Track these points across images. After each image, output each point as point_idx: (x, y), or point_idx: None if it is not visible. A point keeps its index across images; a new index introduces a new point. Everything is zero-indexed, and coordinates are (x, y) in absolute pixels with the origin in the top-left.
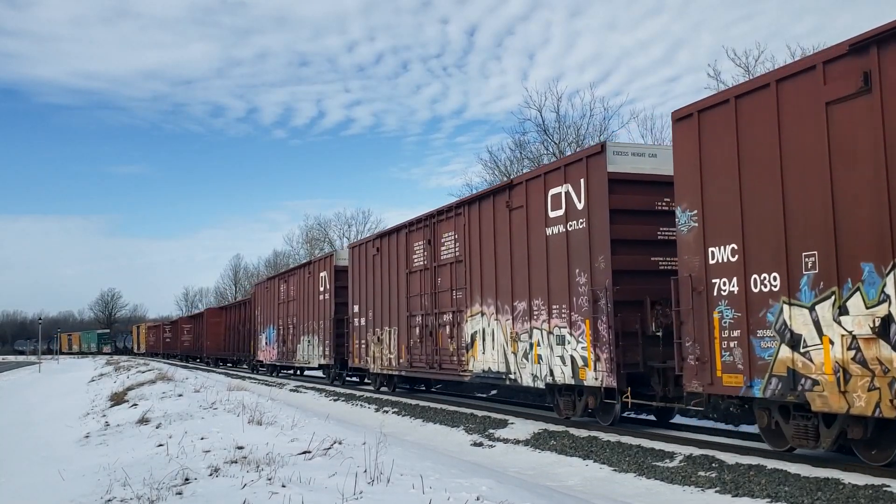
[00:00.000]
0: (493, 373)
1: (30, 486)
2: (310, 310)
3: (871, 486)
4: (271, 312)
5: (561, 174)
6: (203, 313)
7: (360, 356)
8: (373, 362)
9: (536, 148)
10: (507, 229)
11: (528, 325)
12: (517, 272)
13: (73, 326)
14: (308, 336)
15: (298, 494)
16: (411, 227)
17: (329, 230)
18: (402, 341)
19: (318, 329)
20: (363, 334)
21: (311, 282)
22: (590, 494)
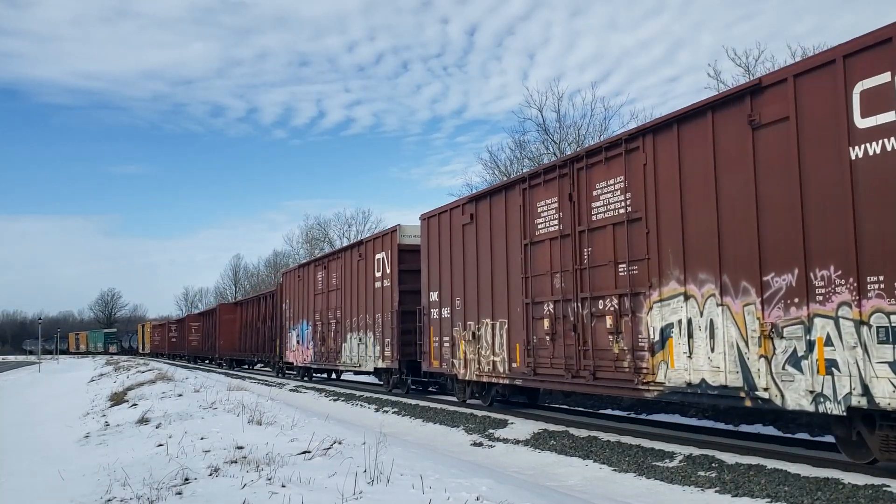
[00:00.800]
0: (712, 387)
1: (30, 486)
2: (360, 301)
3: (871, 486)
4: (305, 305)
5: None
6: (215, 309)
7: (440, 358)
8: (462, 366)
9: (537, 148)
10: (750, 157)
11: (803, 310)
12: (774, 227)
13: (74, 326)
14: (358, 333)
15: (298, 494)
16: (534, 179)
17: (329, 230)
18: (517, 338)
19: (374, 324)
20: (445, 329)
21: (361, 266)
22: (590, 494)
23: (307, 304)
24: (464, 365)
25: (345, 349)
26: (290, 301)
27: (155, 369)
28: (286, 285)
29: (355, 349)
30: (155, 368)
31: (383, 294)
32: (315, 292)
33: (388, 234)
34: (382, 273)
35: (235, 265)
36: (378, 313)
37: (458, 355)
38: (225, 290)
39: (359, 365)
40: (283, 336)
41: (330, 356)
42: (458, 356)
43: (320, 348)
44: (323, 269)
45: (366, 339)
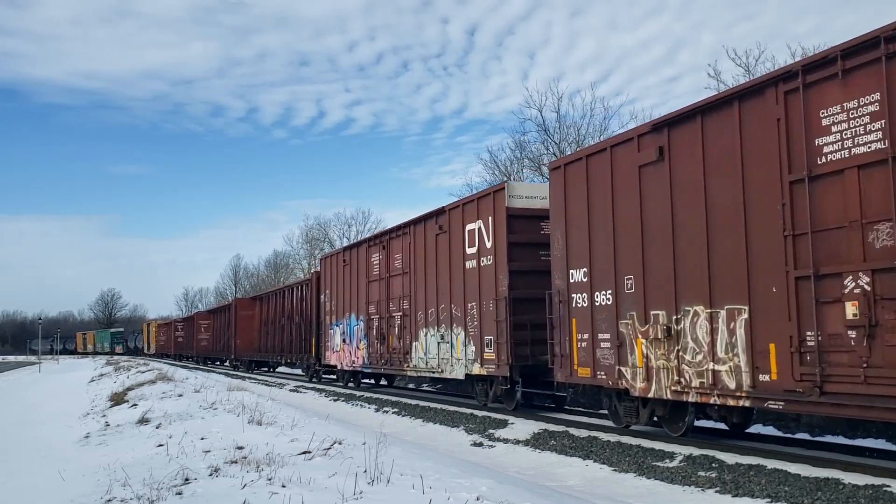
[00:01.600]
0: None
1: (30, 486)
2: (441, 287)
3: (871, 486)
4: (354, 296)
5: None
6: (231, 305)
7: (592, 363)
8: (640, 377)
9: (537, 148)
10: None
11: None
12: None
13: (74, 326)
14: (437, 329)
15: (298, 494)
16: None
17: (329, 230)
18: (771, 335)
19: (465, 317)
20: (603, 323)
21: (441, 242)
22: (590, 494)
23: (357, 294)
24: (644, 376)
25: (416, 350)
26: (331, 291)
27: (155, 369)
28: (326, 273)
29: (433, 350)
30: (155, 368)
31: (480, 277)
32: (369, 279)
33: (490, 194)
34: (479, 248)
35: (235, 265)
36: (472, 302)
37: (632, 361)
38: (225, 290)
39: (439, 370)
40: (323, 334)
41: (393, 359)
42: (632, 362)
43: (378, 349)
44: (380, 250)
45: (451, 336)
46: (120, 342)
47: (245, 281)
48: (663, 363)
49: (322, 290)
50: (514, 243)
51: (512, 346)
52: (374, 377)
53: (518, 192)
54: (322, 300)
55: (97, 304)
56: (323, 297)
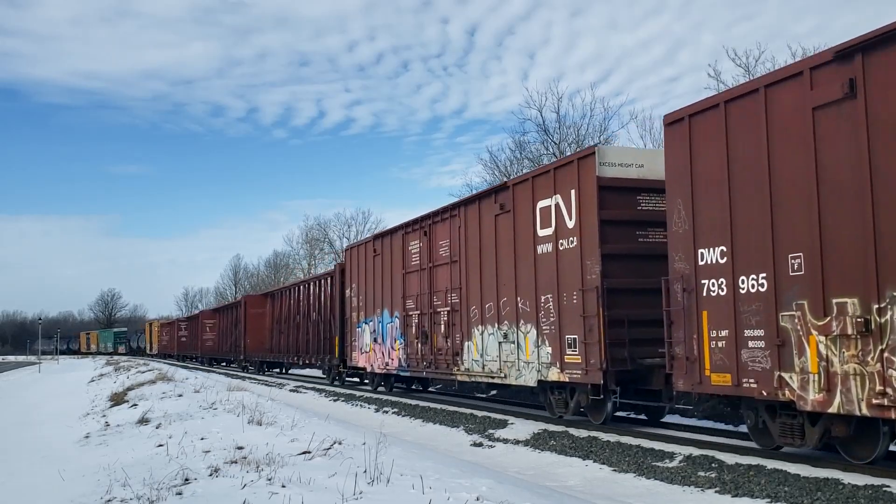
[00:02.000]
0: None
1: (30, 486)
2: (504, 276)
3: (871, 486)
4: (387, 289)
5: None
6: (240, 303)
7: (736, 367)
8: (818, 386)
9: (536, 148)
10: None
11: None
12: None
13: (74, 326)
14: (499, 326)
15: (298, 494)
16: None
17: (329, 230)
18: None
19: (538, 311)
20: (756, 314)
21: (503, 223)
22: (590, 494)
23: (391, 287)
24: (821, 384)
25: (468, 351)
26: (358, 285)
27: (155, 369)
28: (352, 264)
29: (492, 351)
30: (155, 368)
31: (559, 263)
32: (406, 270)
33: (573, 162)
34: (556, 229)
35: (235, 265)
36: (547, 295)
37: (801, 364)
38: (225, 289)
39: (500, 375)
40: (349, 333)
41: (439, 360)
42: (801, 366)
43: (419, 349)
44: (420, 236)
45: (516, 335)
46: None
47: (245, 281)
48: (855, 368)
49: (347, 284)
50: (606, 221)
51: (606, 347)
52: (407, 381)
53: (610, 159)
54: (347, 295)
55: (97, 304)
56: (348, 291)
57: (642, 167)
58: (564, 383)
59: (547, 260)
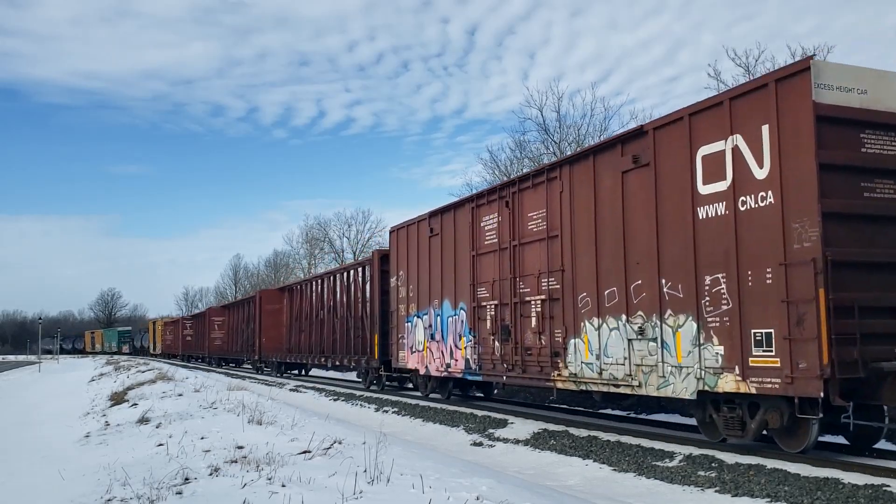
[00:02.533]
0: None
1: (30, 486)
2: (638, 249)
3: (871, 485)
4: (447, 276)
5: None
6: (255, 297)
7: None
8: None
9: (537, 148)
10: None
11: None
12: None
13: (74, 326)
14: (631, 318)
15: (298, 494)
16: None
17: (329, 230)
18: None
19: (702, 297)
20: None
21: (635, 182)
22: (590, 494)
23: (455, 273)
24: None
25: (575, 351)
26: (408, 273)
27: (155, 369)
28: (400, 249)
29: (616, 350)
30: (155, 368)
31: (739, 229)
32: (477, 251)
33: (770, 85)
34: (736, 181)
35: (235, 265)
36: (716, 274)
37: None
38: (225, 289)
39: (632, 383)
40: (394, 329)
41: (528, 362)
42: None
43: (495, 348)
44: (500, 208)
45: (658, 330)
46: (127, 341)
47: (245, 281)
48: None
49: (392, 271)
50: (827, 166)
51: (830, 346)
52: (462, 385)
53: (828, 79)
54: (392, 285)
55: (97, 304)
56: (393, 280)
57: (865, 94)
58: (745, 395)
59: (715, 226)
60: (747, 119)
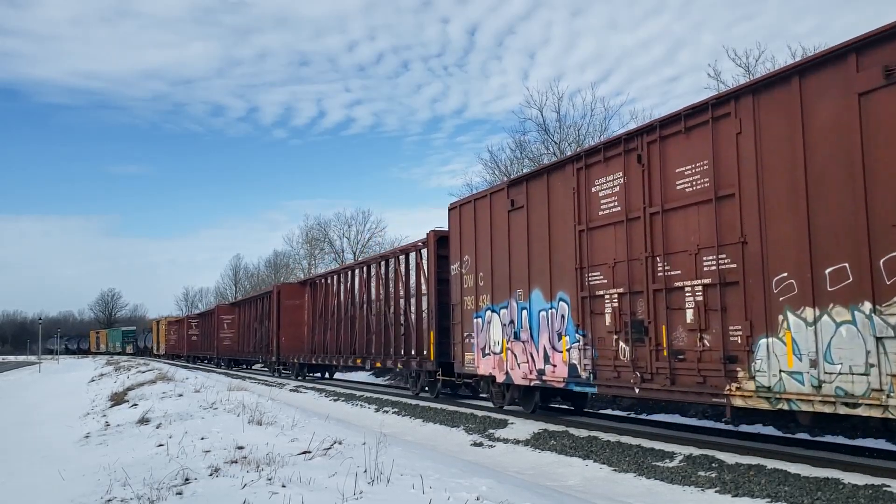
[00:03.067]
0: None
1: (30, 486)
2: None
3: (871, 485)
4: (540, 257)
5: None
6: (272, 292)
7: None
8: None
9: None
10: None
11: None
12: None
13: (74, 326)
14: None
15: (298, 494)
16: None
17: (329, 230)
18: None
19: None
20: None
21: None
22: (590, 494)
23: (550, 253)
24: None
25: (769, 355)
26: (476, 257)
27: (155, 369)
28: (464, 228)
29: (846, 353)
30: (155, 368)
31: None
32: (587, 225)
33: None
34: None
35: (235, 265)
36: None
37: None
38: (225, 289)
39: (876, 401)
40: (457, 326)
41: (678, 371)
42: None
43: (622, 350)
44: (626, 166)
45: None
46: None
47: (245, 281)
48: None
49: (453, 257)
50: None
51: None
52: (545, 394)
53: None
54: (454, 273)
55: (97, 304)
56: (455, 267)
57: None
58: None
59: None
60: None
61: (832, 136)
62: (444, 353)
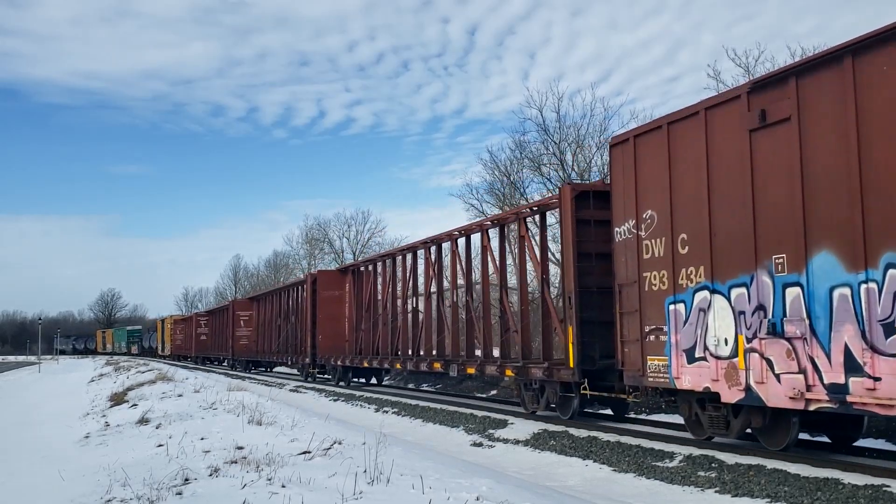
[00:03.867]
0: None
1: (30, 486)
2: None
3: (871, 486)
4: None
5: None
6: (306, 281)
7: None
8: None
9: (537, 148)
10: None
11: None
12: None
13: (74, 326)
14: None
15: (298, 494)
16: None
17: (329, 230)
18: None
19: None
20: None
21: None
22: (590, 494)
23: (860, 191)
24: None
25: None
26: (667, 214)
27: (155, 369)
28: (645, 171)
29: None
30: (155, 369)
31: None
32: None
33: None
34: None
35: (235, 265)
36: None
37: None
38: (225, 289)
39: None
40: (634, 316)
41: None
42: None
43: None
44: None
45: None
46: (136, 342)
47: (245, 281)
48: None
49: (619, 217)
50: None
51: None
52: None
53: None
54: (622, 240)
55: (97, 304)
56: (625, 231)
57: None
58: None
59: None
60: None
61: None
62: (594, 356)
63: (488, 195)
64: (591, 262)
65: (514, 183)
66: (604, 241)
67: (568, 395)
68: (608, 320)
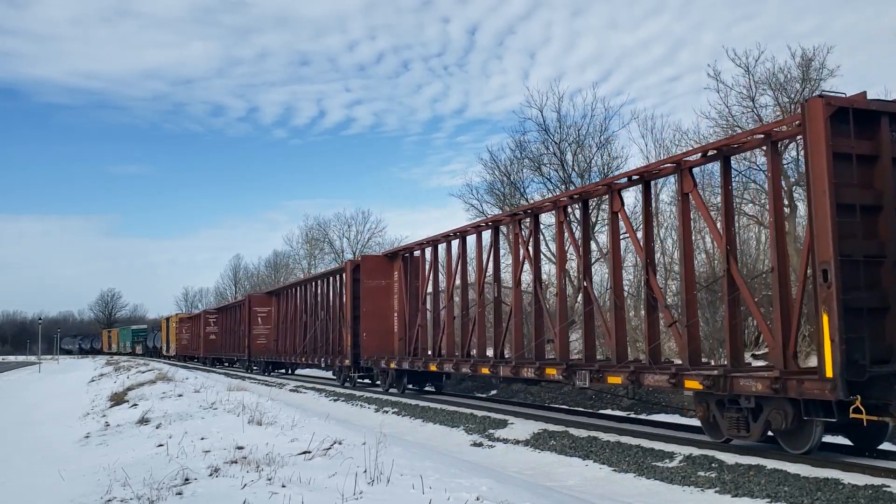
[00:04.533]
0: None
1: (30, 486)
2: None
3: (871, 486)
4: None
5: None
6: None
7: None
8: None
9: (537, 148)
10: None
11: None
12: None
13: (74, 327)
14: None
15: (298, 494)
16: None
17: (329, 230)
18: None
19: None
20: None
21: None
22: (589, 494)
23: None
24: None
25: None
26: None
27: (155, 369)
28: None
29: None
30: (155, 369)
31: None
32: None
33: None
34: None
35: (235, 265)
36: None
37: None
38: (225, 289)
39: None
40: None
41: None
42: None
43: None
44: None
45: None
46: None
47: (245, 281)
48: None
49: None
50: None
51: None
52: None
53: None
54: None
55: (97, 304)
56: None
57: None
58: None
59: None
60: None
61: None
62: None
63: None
64: (854, 218)
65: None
66: (870, 186)
67: (806, 420)
68: (882, 306)
